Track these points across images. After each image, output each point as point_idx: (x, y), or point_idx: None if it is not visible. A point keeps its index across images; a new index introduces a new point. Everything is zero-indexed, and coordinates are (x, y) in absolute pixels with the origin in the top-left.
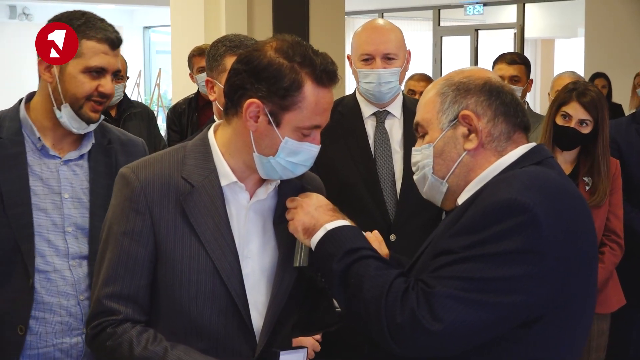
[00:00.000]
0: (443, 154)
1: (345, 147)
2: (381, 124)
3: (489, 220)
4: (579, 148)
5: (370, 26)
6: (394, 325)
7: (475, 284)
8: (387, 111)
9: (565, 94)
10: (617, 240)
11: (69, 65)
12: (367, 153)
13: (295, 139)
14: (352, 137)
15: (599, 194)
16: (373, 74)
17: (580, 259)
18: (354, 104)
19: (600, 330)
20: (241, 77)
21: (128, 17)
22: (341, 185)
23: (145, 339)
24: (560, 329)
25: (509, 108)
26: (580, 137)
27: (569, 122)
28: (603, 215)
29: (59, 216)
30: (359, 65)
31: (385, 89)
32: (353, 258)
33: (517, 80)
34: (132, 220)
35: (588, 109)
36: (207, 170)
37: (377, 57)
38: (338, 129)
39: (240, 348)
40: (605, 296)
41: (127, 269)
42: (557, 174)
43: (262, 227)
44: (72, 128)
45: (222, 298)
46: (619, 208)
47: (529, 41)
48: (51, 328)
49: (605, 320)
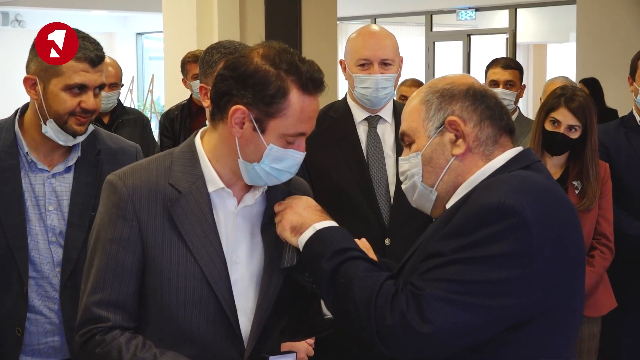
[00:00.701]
0: (432, 161)
1: (339, 152)
2: (373, 128)
3: (479, 223)
4: (568, 152)
5: (366, 32)
6: (384, 327)
7: (465, 287)
8: (379, 116)
9: (554, 99)
10: (607, 244)
11: (51, 84)
12: (361, 158)
13: (280, 145)
14: (344, 142)
15: (589, 198)
16: (370, 79)
17: (569, 262)
18: (346, 109)
19: (591, 334)
20: (227, 83)
21: (121, 24)
22: (335, 190)
23: (134, 346)
24: (549, 331)
25: (494, 111)
26: (569, 142)
27: (558, 128)
28: (593, 219)
29: (44, 227)
30: (355, 70)
31: (382, 94)
32: (343, 258)
33: (511, 85)
34: (119, 227)
35: (576, 115)
36: (194, 177)
37: (375, 63)
38: (330, 134)
39: (229, 354)
40: (595, 299)
41: (115, 276)
42: (545, 178)
43: (250, 232)
44: (59, 141)
45: (210, 304)
46: (609, 211)
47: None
48: (42, 328)
49: (596, 323)
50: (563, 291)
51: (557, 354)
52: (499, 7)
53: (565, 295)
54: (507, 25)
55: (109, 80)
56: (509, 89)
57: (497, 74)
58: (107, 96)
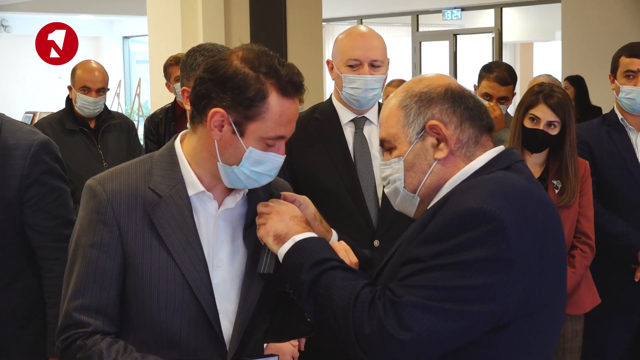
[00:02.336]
0: (414, 166)
1: (326, 154)
2: (360, 130)
3: (456, 228)
4: (548, 150)
5: (356, 32)
6: (362, 336)
7: (443, 293)
8: (365, 117)
9: (532, 96)
10: (587, 242)
11: None
12: (348, 159)
13: (259, 149)
14: (331, 144)
15: (568, 194)
16: (360, 80)
17: (549, 264)
18: (332, 110)
19: (574, 332)
20: (207, 86)
21: (107, 27)
22: (323, 191)
23: (116, 351)
24: (530, 333)
25: (474, 112)
26: (549, 139)
27: (537, 125)
28: (573, 217)
29: None
30: (344, 71)
31: (371, 95)
32: (321, 269)
33: (503, 101)
34: (99, 232)
35: (555, 111)
36: (174, 180)
37: (365, 63)
38: (316, 136)
39: (212, 357)
40: (578, 297)
41: (95, 281)
42: (524, 178)
43: (231, 235)
44: None
45: (192, 308)
46: (589, 209)
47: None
48: None
49: (579, 321)
50: (544, 293)
51: (538, 354)
52: (485, 6)
53: (547, 297)
54: (493, 24)
55: (97, 85)
56: (502, 104)
57: (493, 88)
58: (94, 101)
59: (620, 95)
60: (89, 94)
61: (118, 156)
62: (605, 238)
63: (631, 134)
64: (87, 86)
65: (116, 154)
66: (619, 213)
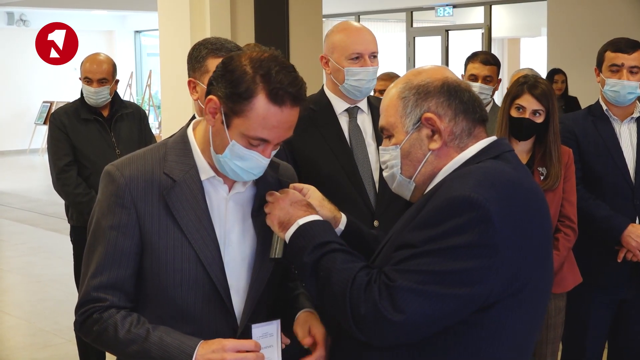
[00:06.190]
0: (410, 155)
1: (324, 141)
2: (354, 118)
3: (445, 215)
4: (534, 138)
5: (353, 27)
6: (359, 317)
7: (434, 277)
8: (357, 107)
9: (518, 87)
10: (571, 225)
11: None
12: (345, 147)
13: (242, 144)
14: (328, 132)
15: (552, 178)
16: (364, 72)
17: (534, 248)
18: (326, 101)
19: (558, 308)
20: (215, 75)
21: (120, 22)
22: (324, 177)
23: (129, 322)
24: (515, 312)
25: (468, 105)
26: (534, 127)
27: (523, 114)
28: (557, 202)
29: None
30: (347, 64)
31: (372, 85)
32: (322, 252)
33: (489, 80)
34: (118, 214)
35: (540, 100)
36: (187, 166)
37: (366, 56)
38: (313, 125)
39: (223, 330)
40: (561, 276)
41: (114, 261)
42: (512, 167)
43: (241, 217)
44: None
45: (204, 284)
46: (572, 194)
47: (496, 40)
48: None
49: (562, 298)
50: (530, 274)
51: (524, 330)
52: (475, 3)
53: (533, 278)
54: (482, 20)
55: (97, 76)
56: (486, 83)
57: (477, 69)
58: (95, 91)
59: (606, 88)
60: (91, 85)
61: (130, 143)
62: (590, 221)
63: (615, 124)
64: (88, 77)
65: (128, 142)
66: (603, 198)
